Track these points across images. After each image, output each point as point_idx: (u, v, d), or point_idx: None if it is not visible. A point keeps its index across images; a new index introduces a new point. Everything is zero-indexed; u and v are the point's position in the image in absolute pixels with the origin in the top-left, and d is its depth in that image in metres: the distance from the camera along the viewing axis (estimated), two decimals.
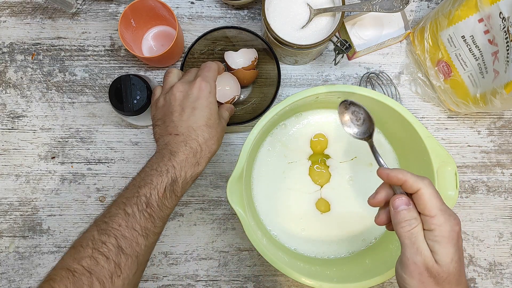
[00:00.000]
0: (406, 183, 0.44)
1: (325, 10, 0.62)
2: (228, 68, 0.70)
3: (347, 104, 0.51)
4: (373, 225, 0.65)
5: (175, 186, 0.51)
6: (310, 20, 0.63)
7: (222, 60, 0.70)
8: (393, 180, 0.45)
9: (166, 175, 0.50)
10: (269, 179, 0.66)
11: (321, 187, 0.66)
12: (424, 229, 0.43)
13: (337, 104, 0.65)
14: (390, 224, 0.47)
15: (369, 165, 0.66)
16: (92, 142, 0.72)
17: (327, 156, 0.66)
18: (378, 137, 0.66)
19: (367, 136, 0.51)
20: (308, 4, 0.63)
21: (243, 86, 0.70)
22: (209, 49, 0.70)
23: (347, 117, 0.52)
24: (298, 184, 0.66)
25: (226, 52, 0.69)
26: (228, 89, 0.68)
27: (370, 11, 0.61)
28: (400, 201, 0.44)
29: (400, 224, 0.44)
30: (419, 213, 0.44)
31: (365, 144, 0.66)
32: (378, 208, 0.49)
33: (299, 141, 0.66)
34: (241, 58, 0.68)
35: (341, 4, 0.61)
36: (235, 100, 0.68)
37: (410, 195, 0.45)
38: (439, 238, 0.43)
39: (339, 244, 0.65)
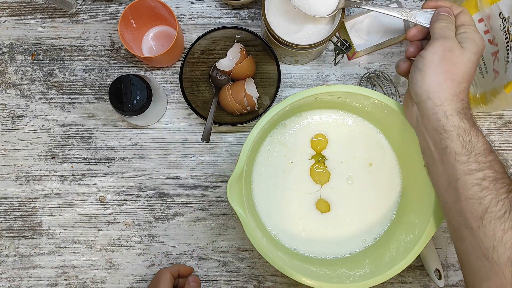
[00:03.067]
0: (452, 7, 0.52)
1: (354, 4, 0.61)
2: (227, 74, 0.70)
3: None
4: (373, 225, 0.65)
5: None
6: (336, 10, 0.61)
7: (216, 70, 0.70)
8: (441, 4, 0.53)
9: None
10: (269, 179, 0.66)
11: (321, 186, 0.66)
12: (457, 33, 0.50)
13: (337, 104, 0.65)
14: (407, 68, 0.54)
15: (368, 165, 0.66)
16: (92, 142, 0.72)
17: (324, 157, 0.66)
18: (378, 137, 0.66)
19: None
20: None
21: (253, 77, 0.71)
22: (209, 49, 0.70)
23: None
24: (298, 184, 0.66)
25: (216, 63, 0.69)
26: (232, 59, 0.69)
27: (403, 18, 0.58)
28: (447, 9, 0.52)
29: (440, 22, 0.51)
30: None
31: (365, 143, 0.66)
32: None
33: (299, 141, 0.66)
34: (230, 58, 0.68)
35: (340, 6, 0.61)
36: (255, 102, 0.69)
37: None
38: (470, 36, 0.49)
39: (339, 244, 0.65)
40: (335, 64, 0.66)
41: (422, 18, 0.54)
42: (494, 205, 0.44)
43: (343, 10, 0.61)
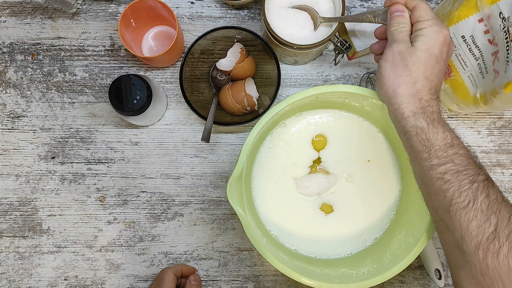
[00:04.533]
0: (406, 2, 0.52)
1: (329, 20, 0.62)
2: (227, 74, 0.70)
3: None
4: (374, 224, 0.65)
5: None
6: (317, 27, 0.63)
7: (215, 70, 0.70)
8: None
9: None
10: (269, 179, 0.66)
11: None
12: (412, 32, 0.51)
13: (337, 104, 0.65)
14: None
15: (366, 161, 0.66)
16: (92, 142, 0.72)
17: (319, 161, 0.66)
18: (378, 136, 0.67)
19: None
20: (316, 12, 0.63)
21: (253, 77, 0.71)
22: (209, 49, 0.70)
23: None
24: (297, 185, 0.66)
25: (216, 63, 0.69)
26: (232, 59, 0.69)
27: (372, 22, 0.59)
28: (397, 7, 0.52)
29: (391, 26, 0.52)
30: (412, 25, 0.51)
31: (363, 141, 0.67)
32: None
33: (299, 140, 0.66)
34: (230, 58, 0.68)
35: (341, 9, 0.61)
36: (255, 102, 0.69)
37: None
38: (423, 32, 0.49)
39: (340, 244, 0.65)
40: (335, 64, 0.66)
41: (384, 17, 0.55)
42: (458, 197, 0.46)
43: (343, 10, 0.61)
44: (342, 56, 0.65)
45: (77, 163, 0.72)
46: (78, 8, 0.73)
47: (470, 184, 0.46)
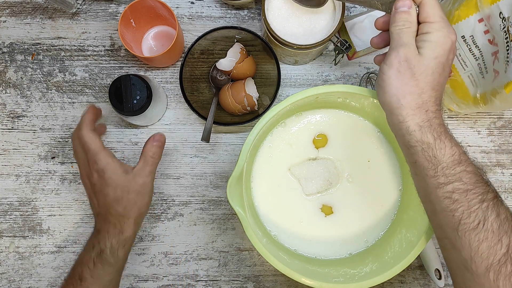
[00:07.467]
0: None
1: None
2: (227, 74, 0.70)
3: None
4: (375, 225, 0.65)
5: (104, 256, 0.55)
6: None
7: (215, 70, 0.70)
8: None
9: (92, 250, 0.56)
10: (269, 179, 0.66)
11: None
12: (418, 34, 0.46)
13: (337, 104, 0.65)
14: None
15: (367, 161, 0.66)
16: None
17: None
18: (378, 136, 0.67)
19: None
20: None
21: (253, 77, 0.71)
22: (209, 49, 0.70)
23: None
24: (298, 185, 0.66)
25: (216, 63, 0.69)
26: (232, 59, 0.68)
27: (378, 9, 0.52)
28: (404, 2, 0.46)
29: (395, 23, 0.47)
30: (419, 23, 0.47)
31: (363, 140, 0.67)
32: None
33: (300, 140, 0.66)
34: (230, 58, 0.68)
35: (341, 10, 0.61)
36: (255, 102, 0.69)
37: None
38: (431, 38, 0.45)
39: (341, 245, 0.65)
40: (335, 64, 0.66)
41: (390, 7, 0.49)
42: (467, 217, 0.44)
43: (343, 10, 0.61)
44: (342, 56, 0.65)
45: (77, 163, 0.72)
46: (78, 8, 0.73)
47: (479, 203, 0.44)
